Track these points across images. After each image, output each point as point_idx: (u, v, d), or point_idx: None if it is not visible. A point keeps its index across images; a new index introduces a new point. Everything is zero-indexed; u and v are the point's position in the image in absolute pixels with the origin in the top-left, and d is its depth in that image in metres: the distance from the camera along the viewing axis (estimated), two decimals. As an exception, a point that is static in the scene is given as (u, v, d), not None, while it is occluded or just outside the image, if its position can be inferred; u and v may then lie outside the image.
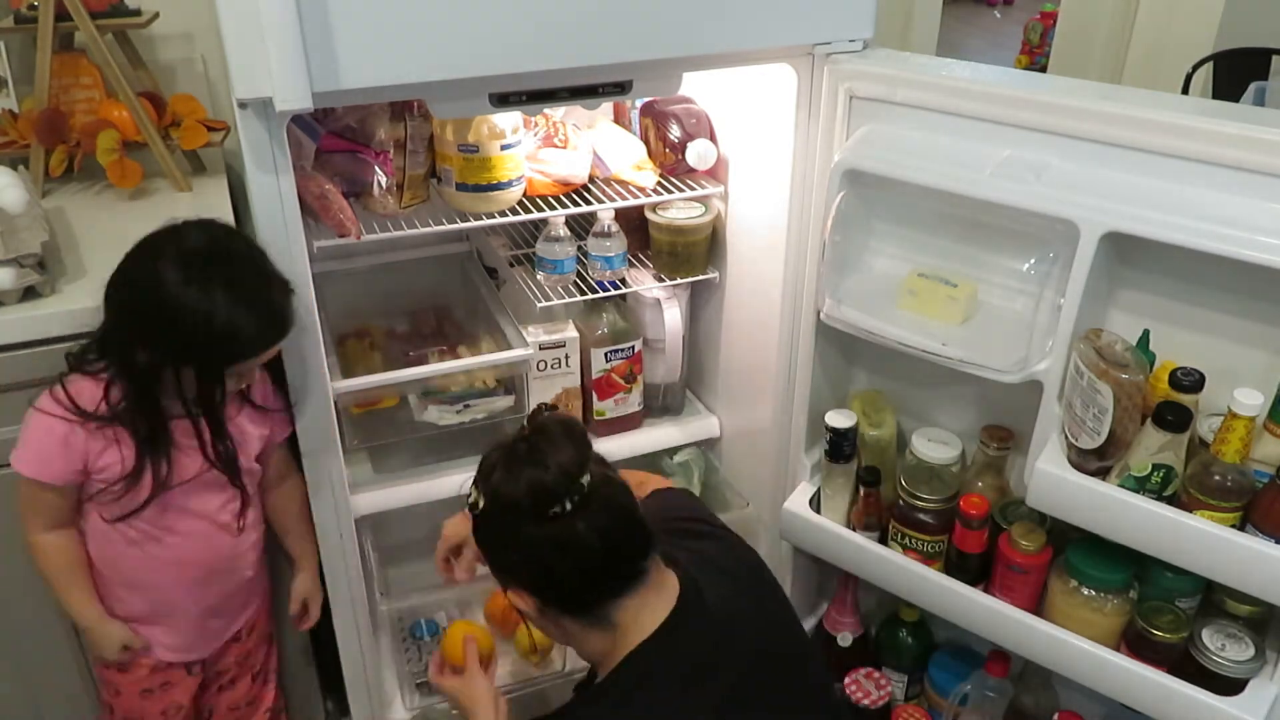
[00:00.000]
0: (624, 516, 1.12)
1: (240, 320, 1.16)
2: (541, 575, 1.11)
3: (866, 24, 1.34)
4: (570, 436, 1.10)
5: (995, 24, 7.46)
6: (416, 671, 1.72)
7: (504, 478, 1.09)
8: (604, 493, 1.10)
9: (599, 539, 1.08)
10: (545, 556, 1.09)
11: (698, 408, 1.90)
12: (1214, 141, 1.09)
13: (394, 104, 1.48)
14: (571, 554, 1.08)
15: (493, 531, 1.13)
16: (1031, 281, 1.31)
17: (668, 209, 1.67)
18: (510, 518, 1.09)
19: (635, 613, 1.13)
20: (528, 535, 1.08)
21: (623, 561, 1.12)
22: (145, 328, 1.17)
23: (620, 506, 1.12)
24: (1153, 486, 1.18)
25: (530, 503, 1.06)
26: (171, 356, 1.17)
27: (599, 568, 1.10)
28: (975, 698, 1.56)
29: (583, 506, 1.07)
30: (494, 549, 1.15)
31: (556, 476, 1.06)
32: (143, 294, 1.16)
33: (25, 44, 1.65)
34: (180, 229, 1.20)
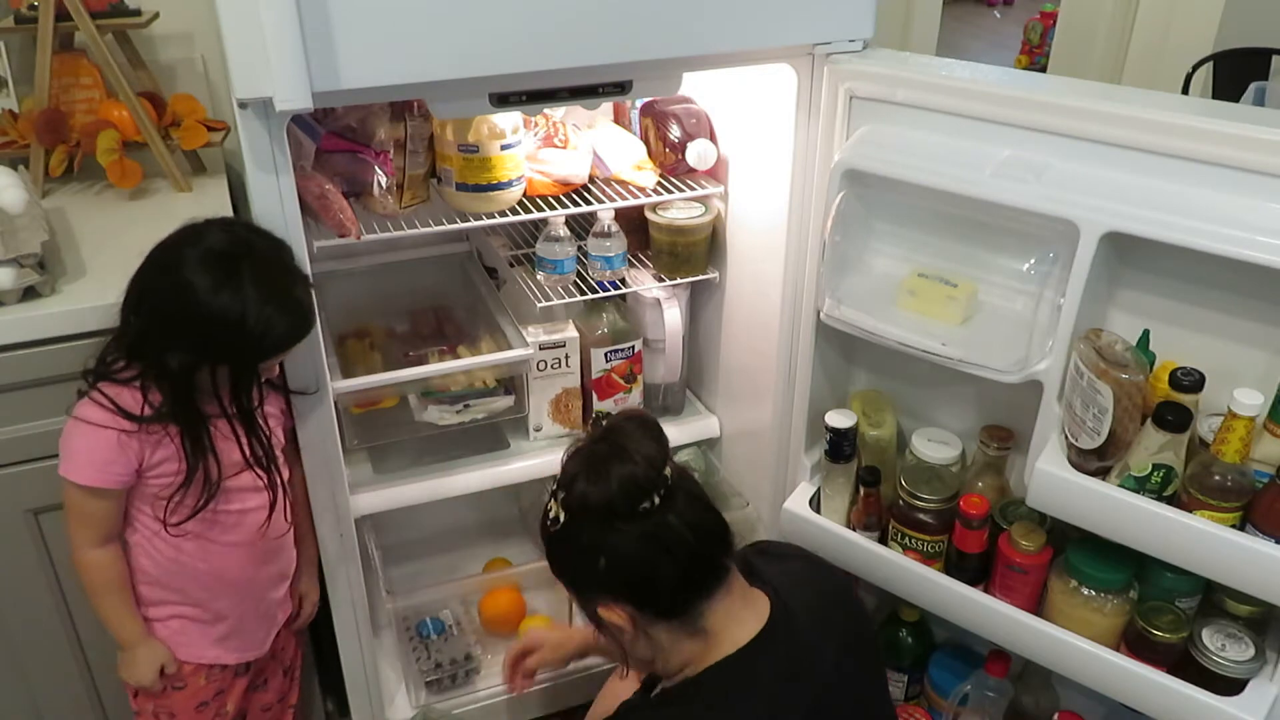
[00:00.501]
0: (705, 506, 1.12)
1: (272, 318, 1.16)
2: (636, 577, 1.09)
3: (866, 24, 1.34)
4: (646, 429, 1.11)
5: (995, 24, 7.46)
6: (425, 669, 1.73)
7: (591, 480, 1.07)
8: (684, 484, 1.11)
9: (689, 530, 1.08)
10: (640, 555, 1.07)
11: (698, 408, 1.90)
12: (1214, 141, 1.09)
13: (394, 104, 1.48)
14: (666, 548, 1.07)
15: (579, 545, 1.10)
16: (1031, 281, 1.31)
17: (668, 209, 1.67)
18: (600, 522, 1.07)
19: (725, 620, 1.12)
20: (619, 536, 1.07)
21: (713, 553, 1.11)
22: (177, 332, 1.16)
23: (699, 497, 1.13)
24: (1153, 486, 1.18)
25: (623, 498, 1.05)
26: (206, 358, 1.17)
27: (691, 560, 1.09)
28: (975, 698, 1.56)
29: (670, 499, 1.07)
30: (580, 565, 1.12)
31: (645, 469, 1.06)
32: (173, 299, 1.15)
33: (25, 44, 1.65)
34: (202, 230, 1.19)
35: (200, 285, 1.13)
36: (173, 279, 1.15)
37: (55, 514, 1.44)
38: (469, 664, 1.75)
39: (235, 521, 1.30)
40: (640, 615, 1.11)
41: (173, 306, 1.16)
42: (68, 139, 1.65)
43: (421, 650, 1.76)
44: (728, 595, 1.12)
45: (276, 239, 1.22)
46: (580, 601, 1.16)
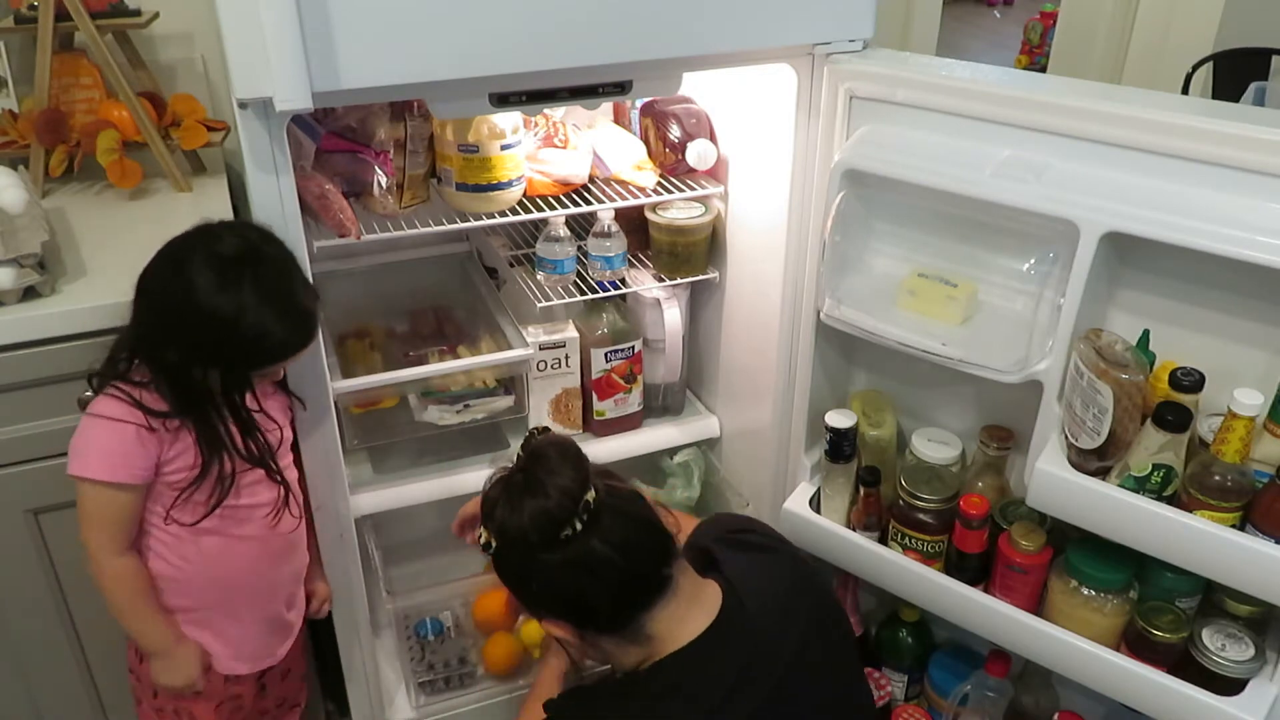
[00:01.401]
0: (638, 524, 1.12)
1: (268, 324, 1.15)
2: (569, 600, 1.12)
3: (866, 24, 1.34)
4: (565, 457, 1.11)
5: (995, 24, 7.46)
6: (419, 671, 1.73)
7: (507, 512, 1.09)
8: (613, 505, 1.11)
9: (617, 551, 1.08)
10: (568, 581, 1.09)
11: (698, 408, 1.90)
12: (1214, 141, 1.09)
13: (394, 104, 1.48)
14: (593, 572, 1.08)
15: (511, 567, 1.13)
16: (1031, 281, 1.31)
17: (668, 209, 1.67)
18: (523, 550, 1.09)
19: (669, 624, 1.13)
20: (544, 564, 1.09)
21: (647, 570, 1.12)
22: (174, 328, 1.16)
23: (632, 515, 1.12)
24: (1153, 486, 1.18)
25: (537, 532, 1.07)
26: (199, 357, 1.16)
27: (622, 581, 1.10)
28: (975, 698, 1.56)
29: (593, 524, 1.08)
30: (517, 584, 1.15)
31: (559, 500, 1.07)
32: (174, 295, 1.15)
33: (25, 44, 1.65)
34: (215, 231, 1.19)
35: (201, 284, 1.13)
36: (177, 275, 1.15)
37: (55, 514, 1.44)
38: (464, 668, 1.75)
39: (246, 515, 1.28)
40: (582, 631, 1.14)
41: (173, 302, 1.15)
42: (68, 139, 1.65)
43: (418, 651, 1.76)
44: (672, 601, 1.13)
45: (287, 249, 1.21)
46: (531, 613, 1.20)
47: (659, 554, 1.13)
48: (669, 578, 1.13)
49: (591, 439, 1.79)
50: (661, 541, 1.14)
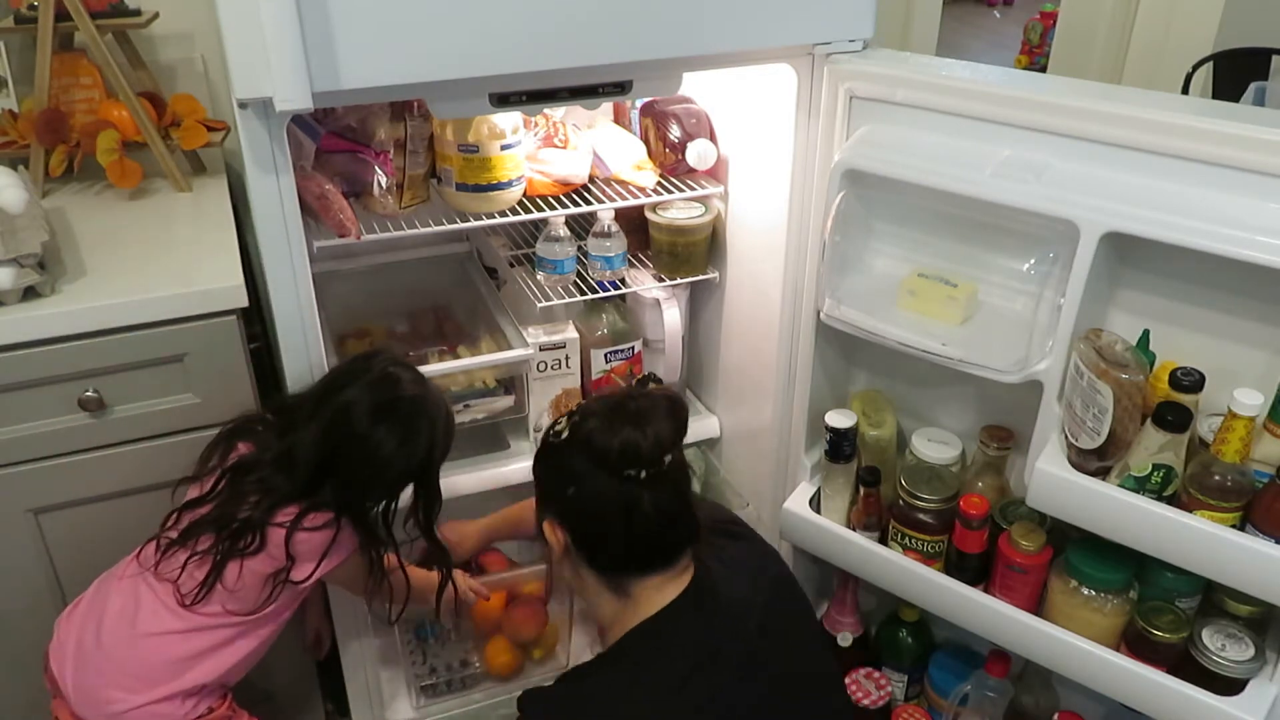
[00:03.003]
0: (684, 505, 1.17)
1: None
2: (589, 523, 1.16)
3: (866, 24, 1.34)
4: (674, 413, 1.15)
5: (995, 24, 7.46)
6: (421, 674, 1.73)
7: (602, 425, 1.13)
8: (675, 477, 1.16)
9: (655, 515, 1.12)
10: (602, 508, 1.13)
11: (698, 408, 1.90)
12: (1214, 141, 1.09)
13: (394, 104, 1.48)
14: (628, 517, 1.12)
15: (564, 464, 1.16)
16: (1031, 281, 1.31)
17: (668, 209, 1.67)
18: (589, 461, 1.13)
19: (649, 591, 1.16)
20: (596, 482, 1.13)
21: (667, 545, 1.16)
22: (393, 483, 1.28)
23: (683, 496, 1.17)
24: (1153, 486, 1.18)
25: (617, 456, 1.11)
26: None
27: (644, 542, 1.14)
28: (975, 698, 1.56)
29: (655, 481, 1.12)
30: (554, 479, 1.19)
31: (650, 445, 1.11)
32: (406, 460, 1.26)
33: (25, 44, 1.65)
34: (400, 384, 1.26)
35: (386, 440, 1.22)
36: (410, 440, 1.24)
37: (55, 514, 1.45)
38: (465, 669, 1.74)
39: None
40: (576, 550, 1.18)
41: (407, 464, 1.27)
42: (68, 139, 1.65)
43: (419, 654, 1.76)
44: (665, 573, 1.17)
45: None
46: (539, 506, 1.22)
47: (683, 540, 1.17)
48: (676, 561, 1.17)
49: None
50: (690, 529, 1.18)
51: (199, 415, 1.46)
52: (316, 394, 1.25)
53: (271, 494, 1.21)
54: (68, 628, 1.29)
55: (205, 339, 1.41)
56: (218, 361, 1.44)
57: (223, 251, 1.48)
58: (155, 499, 1.48)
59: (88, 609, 1.29)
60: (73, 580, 1.47)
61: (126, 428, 1.43)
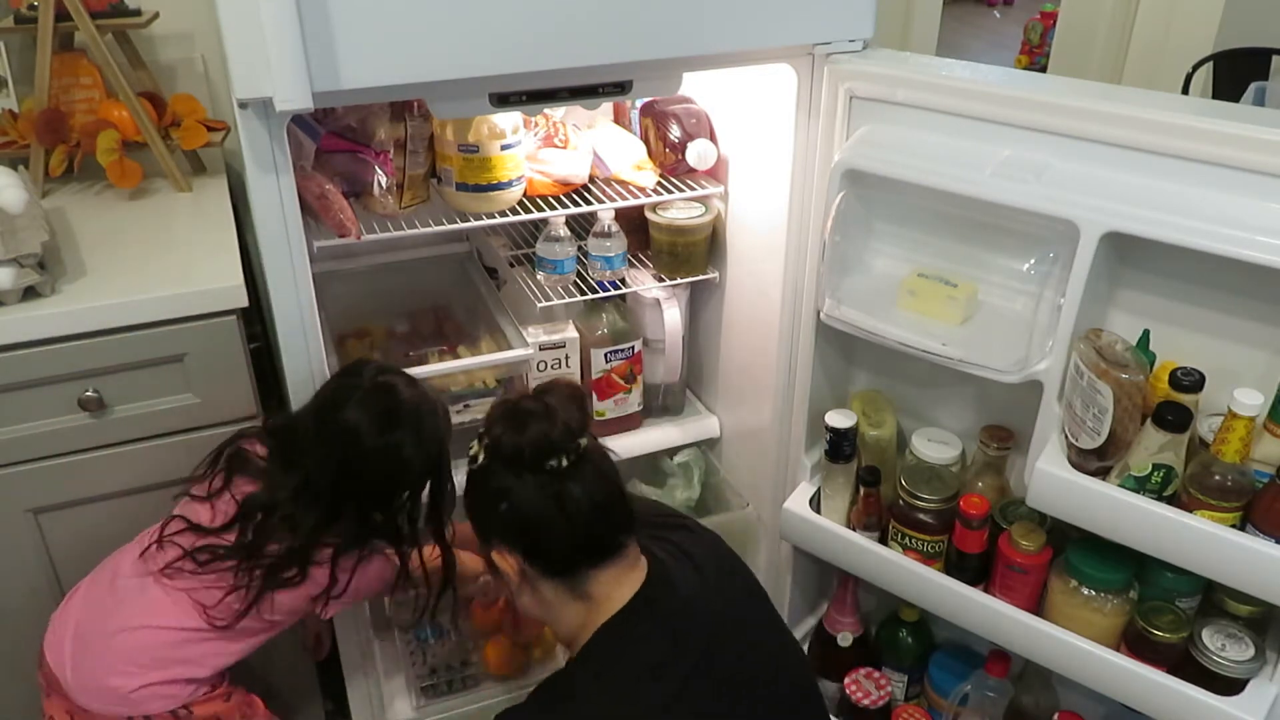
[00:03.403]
0: (612, 487, 1.18)
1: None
2: (529, 530, 1.15)
3: (866, 24, 1.34)
4: (574, 400, 1.16)
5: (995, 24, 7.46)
6: (421, 674, 1.73)
7: (508, 429, 1.14)
8: (597, 460, 1.16)
9: (588, 502, 1.13)
10: (536, 510, 1.13)
11: (698, 408, 1.90)
12: (1214, 141, 1.09)
13: (394, 104, 1.48)
14: (562, 510, 1.12)
15: (487, 486, 1.16)
16: (1031, 281, 1.31)
17: (668, 209, 1.67)
18: (508, 469, 1.13)
19: (609, 586, 1.16)
20: (522, 487, 1.13)
21: (606, 530, 1.16)
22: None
23: (610, 477, 1.18)
24: (1153, 486, 1.18)
25: (532, 452, 1.11)
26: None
27: (585, 531, 1.14)
28: (975, 698, 1.56)
29: (576, 467, 1.12)
30: (484, 506, 1.18)
31: (561, 431, 1.11)
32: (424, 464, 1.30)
33: (25, 44, 1.65)
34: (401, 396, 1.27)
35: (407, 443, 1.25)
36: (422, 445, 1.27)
37: (55, 514, 1.45)
38: (465, 670, 1.75)
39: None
40: (529, 567, 1.17)
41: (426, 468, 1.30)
42: (68, 139, 1.65)
43: (419, 654, 1.76)
44: (615, 565, 1.17)
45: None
46: (480, 543, 1.22)
47: (622, 521, 1.17)
48: (622, 545, 1.17)
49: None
50: (626, 512, 1.18)
51: (199, 415, 1.46)
52: (315, 419, 1.25)
53: (300, 529, 1.23)
54: (64, 618, 1.29)
55: (205, 339, 1.42)
56: (218, 361, 1.44)
57: (223, 251, 1.48)
58: (155, 499, 1.48)
59: (88, 600, 1.29)
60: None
61: (126, 428, 1.43)
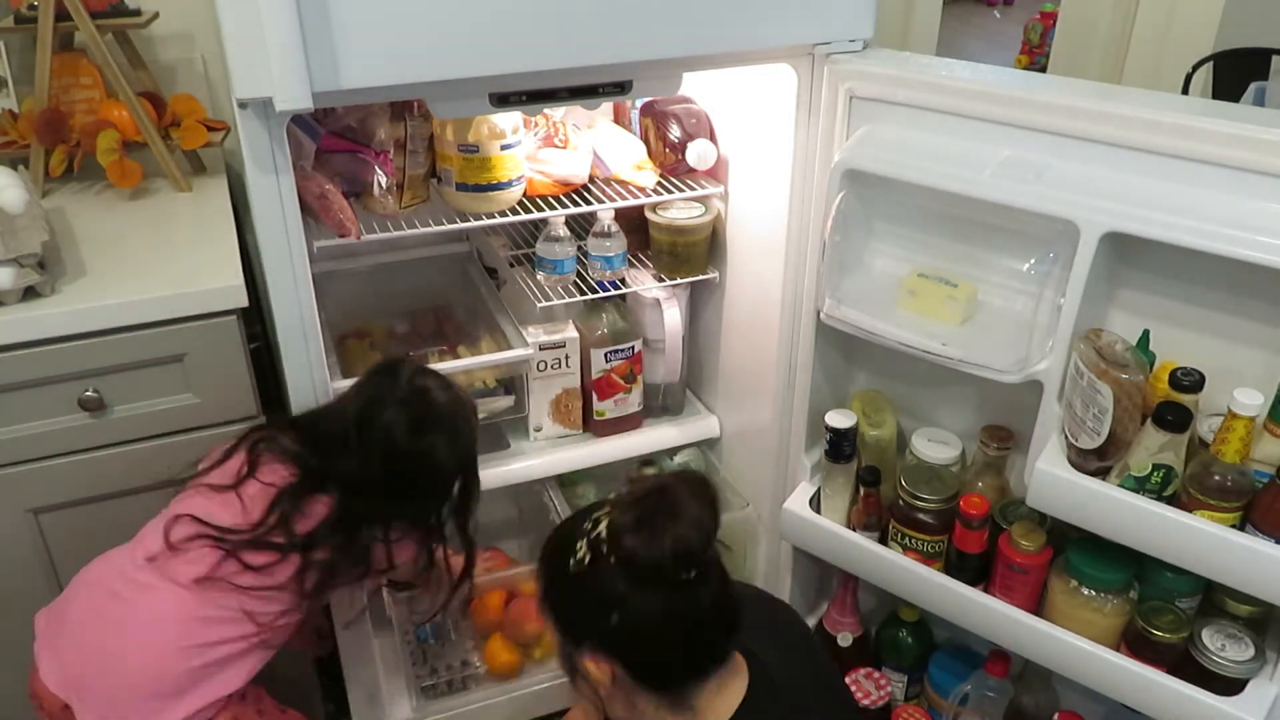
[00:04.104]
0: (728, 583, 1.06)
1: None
2: (642, 643, 1.03)
3: (866, 24, 1.34)
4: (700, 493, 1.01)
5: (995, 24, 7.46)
6: (421, 674, 1.73)
7: (640, 536, 0.98)
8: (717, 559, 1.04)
9: (718, 614, 1.02)
10: (657, 624, 1.01)
11: (698, 408, 1.90)
12: (1214, 141, 1.09)
13: (394, 104, 1.48)
14: (687, 622, 1.01)
15: (597, 593, 1.02)
16: (1031, 281, 1.31)
17: (668, 209, 1.67)
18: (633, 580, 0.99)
19: (712, 697, 1.06)
20: (647, 601, 0.99)
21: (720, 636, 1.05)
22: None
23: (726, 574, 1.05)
24: (1153, 486, 1.18)
25: (672, 564, 0.97)
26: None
27: (704, 643, 1.04)
28: (975, 698, 1.56)
29: (705, 576, 1.01)
30: (587, 612, 1.04)
31: (699, 536, 0.98)
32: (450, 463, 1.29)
33: (25, 44, 1.65)
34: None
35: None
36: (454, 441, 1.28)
37: (55, 514, 1.45)
38: (466, 670, 1.75)
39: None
40: (627, 677, 1.05)
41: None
42: (68, 139, 1.65)
43: (418, 654, 1.76)
44: (719, 674, 1.07)
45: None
46: (564, 643, 1.09)
47: (733, 623, 1.06)
48: (730, 652, 1.07)
49: (591, 439, 1.79)
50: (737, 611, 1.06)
51: (199, 415, 1.46)
52: (353, 422, 1.24)
53: (352, 522, 1.24)
54: (62, 644, 1.24)
55: (205, 339, 1.42)
56: (218, 361, 1.44)
57: (223, 251, 1.48)
58: (155, 499, 1.48)
59: (89, 616, 1.23)
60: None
61: (126, 428, 1.43)
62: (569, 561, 1.04)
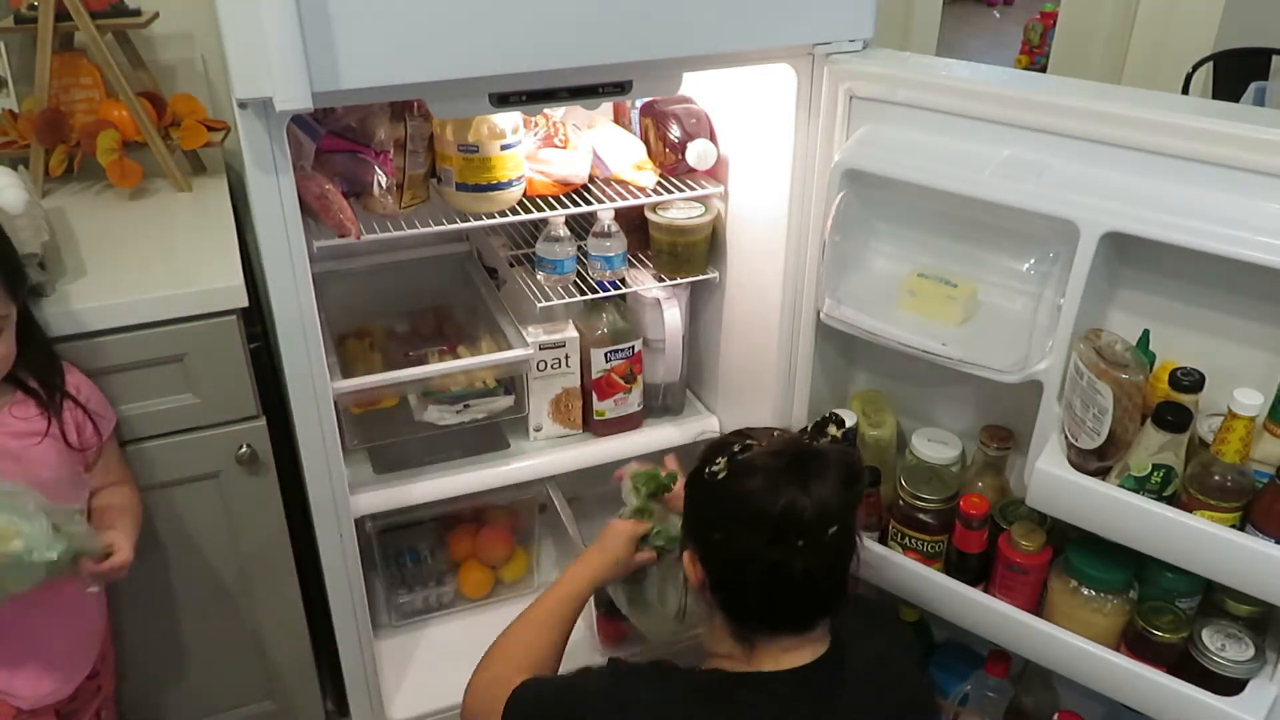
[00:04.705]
0: (835, 577, 1.09)
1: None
2: (730, 574, 1.10)
3: (866, 24, 1.34)
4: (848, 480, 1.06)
5: (995, 24, 7.47)
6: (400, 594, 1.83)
7: (764, 483, 1.05)
8: (836, 548, 1.07)
9: (804, 583, 1.05)
10: (747, 567, 1.06)
11: (698, 408, 1.90)
12: (1214, 141, 1.09)
13: (394, 104, 1.48)
14: (772, 580, 1.05)
15: (716, 507, 1.10)
16: (1031, 281, 1.31)
17: (668, 209, 1.67)
18: (743, 517, 1.06)
19: (776, 651, 1.10)
20: (747, 541, 1.05)
21: (804, 612, 1.09)
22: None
23: (838, 569, 1.09)
24: (1153, 486, 1.18)
25: (776, 523, 1.03)
26: None
27: (784, 607, 1.08)
28: (975, 698, 1.56)
29: (808, 551, 1.04)
30: (704, 518, 1.13)
31: (814, 513, 1.03)
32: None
33: (25, 44, 1.65)
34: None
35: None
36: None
37: (55, 514, 1.44)
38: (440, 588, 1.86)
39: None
40: (711, 592, 1.12)
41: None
42: (68, 139, 1.65)
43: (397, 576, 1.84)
44: (793, 638, 1.11)
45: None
46: (684, 531, 1.18)
47: (825, 609, 1.10)
48: (810, 629, 1.10)
49: (591, 439, 1.79)
50: (837, 599, 1.11)
51: (199, 415, 1.46)
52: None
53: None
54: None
55: (205, 339, 1.42)
56: (218, 361, 1.44)
57: (223, 251, 1.48)
58: (155, 499, 1.48)
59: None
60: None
61: (126, 428, 1.43)
62: (707, 468, 1.11)
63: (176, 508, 1.51)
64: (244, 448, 1.50)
